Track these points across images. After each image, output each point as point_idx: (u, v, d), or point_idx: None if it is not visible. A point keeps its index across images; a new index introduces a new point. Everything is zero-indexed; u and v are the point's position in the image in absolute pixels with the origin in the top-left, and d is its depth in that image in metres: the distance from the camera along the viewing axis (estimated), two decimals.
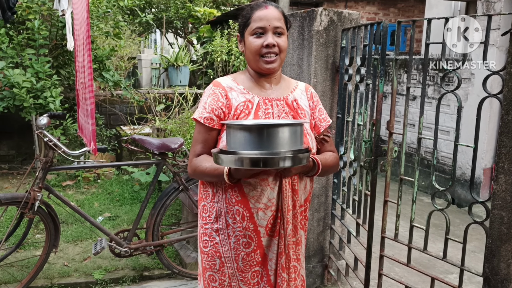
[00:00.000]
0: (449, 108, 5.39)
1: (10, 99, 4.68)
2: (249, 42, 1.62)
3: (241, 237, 1.63)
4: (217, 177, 1.59)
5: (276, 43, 1.59)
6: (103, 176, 5.60)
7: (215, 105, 1.62)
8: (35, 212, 2.85)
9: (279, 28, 1.61)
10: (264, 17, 1.59)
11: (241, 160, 1.33)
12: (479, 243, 3.86)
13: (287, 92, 1.73)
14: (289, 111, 1.69)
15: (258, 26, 1.59)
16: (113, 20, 6.10)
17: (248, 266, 1.66)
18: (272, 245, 1.66)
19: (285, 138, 1.37)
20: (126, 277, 3.25)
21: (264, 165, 1.34)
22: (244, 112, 1.62)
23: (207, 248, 1.68)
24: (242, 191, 1.60)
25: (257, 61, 1.62)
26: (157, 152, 3.11)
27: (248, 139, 1.37)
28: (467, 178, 5.21)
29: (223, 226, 1.64)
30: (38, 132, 2.95)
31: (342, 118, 2.88)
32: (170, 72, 8.25)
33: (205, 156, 1.64)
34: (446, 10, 6.75)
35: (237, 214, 1.62)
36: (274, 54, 1.60)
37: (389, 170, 2.44)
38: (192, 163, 1.66)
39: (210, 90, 1.66)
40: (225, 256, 1.65)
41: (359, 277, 2.76)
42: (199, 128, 1.65)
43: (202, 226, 1.70)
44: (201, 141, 1.65)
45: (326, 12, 2.84)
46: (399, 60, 2.33)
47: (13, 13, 4.82)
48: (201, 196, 1.73)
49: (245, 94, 1.65)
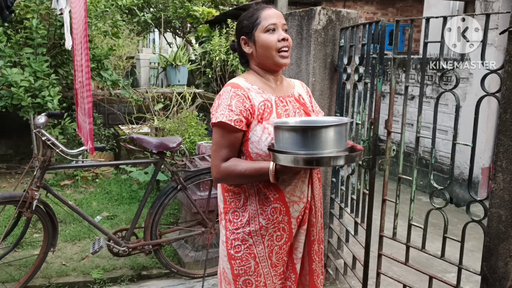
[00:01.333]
0: (447, 108, 5.40)
1: (8, 98, 4.66)
2: (264, 39, 1.67)
3: (274, 232, 1.69)
4: (258, 177, 1.60)
5: (287, 38, 1.68)
6: (101, 175, 5.59)
7: (242, 106, 1.61)
8: (33, 211, 2.84)
9: (286, 25, 1.71)
10: (274, 15, 1.68)
11: (297, 159, 1.42)
12: (477, 242, 3.86)
13: (291, 89, 1.82)
14: (300, 106, 1.77)
15: (271, 23, 1.66)
16: (111, 19, 6.09)
17: (280, 259, 1.73)
18: (299, 235, 1.75)
19: (334, 137, 1.46)
20: (124, 277, 3.24)
21: (317, 164, 1.45)
22: (266, 111, 1.65)
23: (239, 253, 1.69)
24: (277, 188, 1.65)
25: (274, 56, 1.67)
26: (156, 151, 3.10)
27: (300, 139, 1.45)
28: (465, 178, 5.22)
29: (256, 228, 1.67)
30: (36, 131, 2.94)
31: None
32: (169, 72, 8.25)
33: (236, 159, 1.64)
34: (444, 10, 6.76)
35: (273, 212, 1.67)
36: (288, 48, 1.68)
37: (388, 169, 2.44)
38: (221, 168, 1.63)
39: (231, 92, 1.64)
40: (260, 256, 1.69)
41: (357, 276, 2.76)
42: (222, 132, 1.63)
43: (232, 232, 1.70)
44: (227, 145, 1.63)
45: (324, 11, 2.84)
46: (398, 60, 2.34)
47: (11, 12, 4.80)
48: (229, 204, 1.72)
49: (261, 93, 1.68)
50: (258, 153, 1.62)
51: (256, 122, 1.63)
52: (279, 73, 1.77)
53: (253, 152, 1.63)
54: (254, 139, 1.62)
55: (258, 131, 1.62)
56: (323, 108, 2.94)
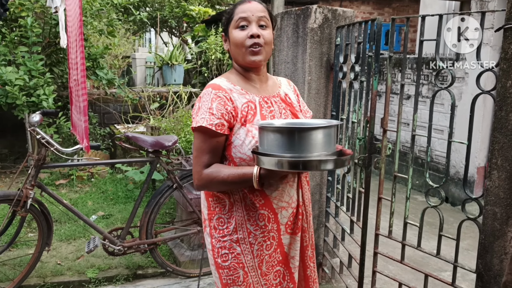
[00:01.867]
0: (443, 107, 5.41)
1: (3, 97, 4.64)
2: (234, 35, 1.58)
3: (264, 241, 1.60)
4: (242, 184, 1.52)
5: (260, 34, 1.55)
6: (96, 175, 5.57)
7: (224, 109, 1.52)
8: (27, 210, 2.82)
9: (263, 19, 1.58)
10: (247, 9, 1.57)
11: (281, 162, 1.34)
12: (473, 241, 3.87)
13: (276, 88, 1.73)
14: (286, 106, 1.69)
15: (241, 17, 1.56)
16: (107, 18, 6.07)
17: (270, 267, 1.64)
18: (293, 242, 1.66)
19: (322, 140, 1.38)
20: (120, 276, 3.23)
21: (304, 167, 1.35)
22: (250, 113, 1.57)
23: (227, 262, 1.60)
24: (264, 194, 1.58)
25: (243, 53, 1.57)
26: (151, 150, 3.09)
27: (286, 141, 1.36)
28: (461, 177, 5.23)
29: (244, 235, 1.59)
30: (30, 129, 2.92)
31: (337, 115, 2.88)
32: (165, 71, 8.23)
33: (218, 165, 1.55)
34: (440, 9, 6.77)
35: (261, 218, 1.58)
36: (259, 45, 1.56)
37: (383, 167, 2.44)
38: (203, 175, 1.53)
39: (211, 94, 1.54)
40: (249, 265, 1.61)
41: (353, 274, 2.76)
42: (204, 137, 1.53)
43: (219, 240, 1.61)
44: (209, 150, 1.54)
45: (320, 9, 2.84)
46: (393, 59, 2.33)
47: (6, 10, 4.77)
48: (213, 210, 1.64)
49: (244, 94, 1.59)
50: (242, 157, 1.53)
51: (239, 125, 1.54)
52: (262, 71, 1.67)
53: (237, 156, 1.54)
54: (237, 143, 1.53)
55: (241, 135, 1.53)
56: (319, 106, 2.94)
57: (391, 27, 2.34)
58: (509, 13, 1.71)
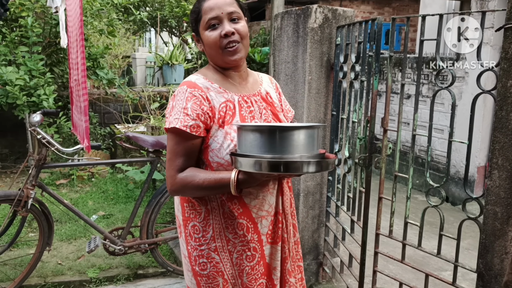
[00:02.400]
0: (443, 107, 5.41)
1: (3, 96, 4.64)
2: (206, 37, 1.46)
3: (244, 251, 1.51)
4: (218, 189, 1.42)
5: (235, 30, 1.44)
6: (97, 175, 5.58)
7: (199, 110, 1.41)
8: (28, 210, 2.83)
9: (234, 13, 1.45)
10: (215, 5, 1.44)
11: (260, 163, 1.24)
12: (473, 240, 3.87)
13: (257, 85, 1.62)
14: (267, 106, 1.59)
15: (211, 17, 1.43)
16: (107, 17, 6.07)
17: (253, 281, 1.54)
18: (274, 252, 1.57)
19: (305, 141, 1.30)
20: (121, 276, 3.23)
21: (286, 169, 1.24)
22: (228, 113, 1.46)
23: (206, 271, 1.52)
24: (242, 202, 1.48)
25: (220, 55, 1.46)
26: (152, 150, 3.09)
27: (266, 142, 1.28)
28: (461, 177, 5.23)
29: (222, 244, 1.50)
30: (31, 129, 2.93)
31: (337, 115, 2.88)
32: (165, 71, 8.23)
33: (194, 169, 1.44)
34: (440, 9, 6.78)
35: (240, 227, 1.49)
36: (235, 42, 1.44)
37: (384, 167, 2.44)
38: (177, 179, 1.42)
39: (186, 93, 1.43)
40: (228, 273, 1.53)
41: (353, 274, 2.76)
42: (178, 139, 1.42)
43: (195, 248, 1.52)
44: (183, 153, 1.43)
45: (320, 9, 2.84)
46: (394, 58, 2.33)
47: (6, 10, 4.77)
48: (187, 216, 1.54)
49: (222, 93, 1.48)
50: (220, 162, 1.43)
51: (217, 127, 1.44)
52: (242, 67, 1.55)
53: (214, 161, 1.44)
54: (214, 146, 1.43)
55: (219, 137, 1.43)
56: (319, 106, 2.94)
57: (392, 27, 2.34)
58: (510, 12, 1.71)
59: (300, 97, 2.93)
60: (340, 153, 2.89)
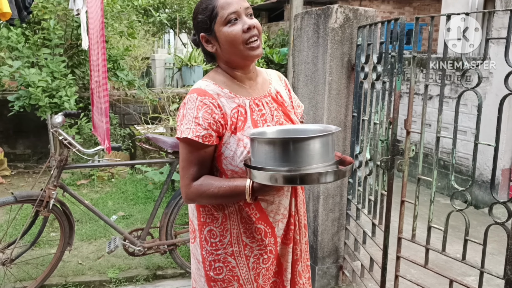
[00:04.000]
0: (466, 108, 5.29)
1: (26, 98, 4.73)
2: (226, 33, 1.41)
3: (261, 255, 1.52)
4: (234, 197, 1.41)
5: (254, 24, 1.42)
6: (117, 175, 5.63)
7: (211, 119, 1.39)
8: (50, 210, 2.86)
9: (249, 9, 1.44)
10: (231, 1, 1.41)
11: (276, 177, 1.23)
12: (497, 245, 3.77)
13: (267, 85, 1.59)
14: (278, 106, 1.56)
15: (231, 12, 1.40)
16: (127, 19, 6.13)
17: (267, 280, 1.56)
18: (286, 253, 1.58)
19: (320, 150, 1.25)
20: (140, 276, 3.24)
21: (302, 182, 1.24)
22: (240, 119, 1.44)
23: (221, 275, 1.51)
24: (260, 207, 1.48)
25: (242, 51, 1.42)
26: (171, 151, 3.10)
27: (280, 153, 1.25)
28: (484, 179, 5.11)
29: (239, 249, 1.50)
30: (53, 130, 2.96)
31: (358, 116, 2.84)
32: (184, 72, 8.27)
33: (208, 177, 1.43)
34: (463, 8, 6.64)
35: (258, 232, 1.49)
36: (256, 36, 1.42)
37: (407, 170, 2.39)
38: (192, 188, 1.42)
39: (197, 102, 1.40)
40: (244, 278, 1.52)
41: (374, 278, 2.71)
42: (190, 148, 1.41)
43: (211, 253, 1.51)
44: (197, 162, 1.42)
45: (341, 9, 2.80)
46: (416, 58, 2.28)
47: (29, 12, 4.87)
48: (203, 221, 1.52)
49: (233, 98, 1.46)
50: (234, 170, 1.42)
51: (230, 134, 1.42)
52: (252, 67, 1.52)
53: (228, 169, 1.43)
54: (228, 153, 1.41)
55: (232, 144, 1.41)
56: (340, 107, 2.90)
57: (415, 27, 2.30)
58: None
59: (320, 98, 2.90)
60: (361, 155, 2.85)
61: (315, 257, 3.07)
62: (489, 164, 5.00)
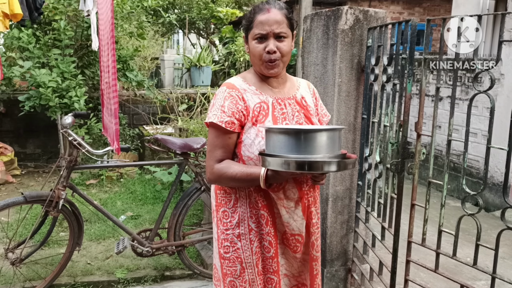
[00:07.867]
0: (476, 109, 5.24)
1: (36, 98, 4.76)
2: (252, 46, 1.64)
3: (263, 240, 1.67)
4: (249, 182, 1.58)
5: (277, 49, 1.60)
6: (125, 175, 5.65)
7: (235, 108, 1.60)
8: (59, 211, 2.88)
9: (281, 33, 1.61)
10: (266, 22, 1.59)
11: (288, 162, 1.38)
12: (509, 249, 3.73)
13: (293, 90, 1.76)
14: (300, 109, 1.72)
15: (260, 32, 1.60)
16: (137, 20, 6.15)
17: (266, 270, 1.71)
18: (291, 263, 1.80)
19: (327, 142, 1.42)
20: (148, 277, 3.25)
21: (309, 168, 1.38)
22: (262, 114, 1.62)
23: (228, 254, 1.69)
24: (268, 194, 1.63)
25: (260, 65, 1.64)
26: (180, 152, 3.10)
27: (291, 143, 1.41)
28: (495, 182, 5.05)
29: (245, 231, 1.67)
30: (63, 131, 2.98)
31: (368, 119, 2.82)
32: (193, 72, 8.29)
33: (229, 161, 1.62)
34: (473, 9, 6.57)
35: (262, 218, 1.65)
36: (276, 60, 1.61)
37: (417, 173, 2.37)
38: (214, 169, 1.62)
39: (225, 93, 1.62)
40: (247, 261, 1.68)
41: (383, 282, 2.69)
42: (217, 133, 1.62)
43: (223, 232, 1.70)
44: (221, 145, 1.62)
45: (351, 10, 2.78)
46: (428, 60, 2.26)
47: (40, 13, 4.90)
48: (219, 202, 1.72)
49: (258, 95, 1.65)
50: (250, 156, 1.60)
51: (251, 124, 1.61)
52: (281, 75, 1.71)
53: (245, 155, 1.61)
54: (247, 142, 1.60)
55: (251, 134, 1.60)
56: (349, 109, 2.88)
57: (426, 28, 2.27)
58: None
59: (330, 99, 2.88)
60: (370, 157, 2.82)
61: (323, 260, 3.05)
62: (500, 167, 4.94)
